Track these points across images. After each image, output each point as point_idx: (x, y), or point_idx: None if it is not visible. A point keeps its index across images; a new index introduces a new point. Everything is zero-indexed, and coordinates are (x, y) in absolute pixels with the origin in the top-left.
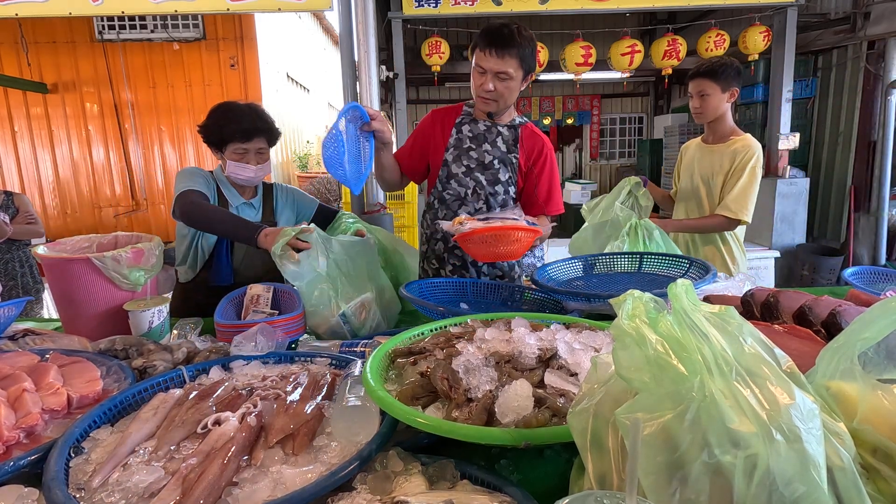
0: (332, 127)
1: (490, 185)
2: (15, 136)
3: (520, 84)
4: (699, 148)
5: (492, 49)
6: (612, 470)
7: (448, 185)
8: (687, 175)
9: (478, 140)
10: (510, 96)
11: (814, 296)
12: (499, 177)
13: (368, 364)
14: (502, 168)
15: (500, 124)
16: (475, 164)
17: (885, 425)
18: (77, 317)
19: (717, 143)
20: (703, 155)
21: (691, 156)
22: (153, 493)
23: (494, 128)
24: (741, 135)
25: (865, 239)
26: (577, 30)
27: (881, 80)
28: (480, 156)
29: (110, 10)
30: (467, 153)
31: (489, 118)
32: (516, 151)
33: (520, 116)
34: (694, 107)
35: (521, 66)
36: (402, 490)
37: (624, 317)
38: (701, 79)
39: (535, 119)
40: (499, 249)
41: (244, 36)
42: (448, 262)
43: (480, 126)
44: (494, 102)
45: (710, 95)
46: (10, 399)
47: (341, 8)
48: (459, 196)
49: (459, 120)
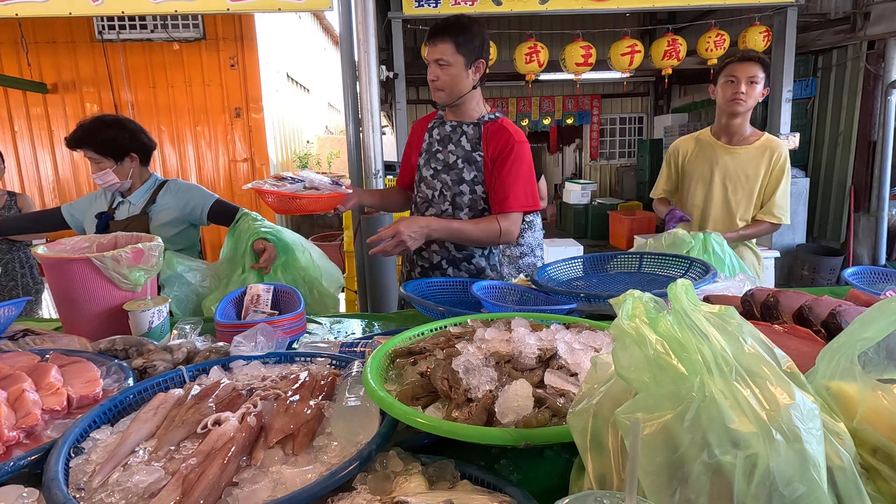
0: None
1: (455, 185)
2: (15, 136)
3: (463, 71)
4: (716, 149)
5: (429, 40)
6: (612, 470)
7: (419, 189)
8: (704, 181)
9: (444, 142)
10: (454, 84)
11: (814, 296)
12: (463, 176)
13: (368, 364)
14: (466, 167)
15: (466, 122)
16: (441, 166)
17: (885, 425)
18: (77, 317)
19: (740, 144)
20: (727, 157)
21: (708, 159)
22: (153, 493)
23: (459, 127)
24: (762, 134)
25: (865, 239)
26: (577, 30)
27: (881, 80)
28: (446, 157)
29: (110, 10)
30: (434, 155)
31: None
32: (480, 149)
33: (492, 113)
34: (739, 92)
35: (457, 52)
36: (402, 490)
37: (624, 317)
38: (753, 63)
39: (534, 119)
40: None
41: (244, 36)
42: (417, 263)
43: (447, 127)
44: (441, 92)
45: (758, 84)
46: (10, 399)
47: (341, 8)
48: (427, 198)
49: (431, 125)
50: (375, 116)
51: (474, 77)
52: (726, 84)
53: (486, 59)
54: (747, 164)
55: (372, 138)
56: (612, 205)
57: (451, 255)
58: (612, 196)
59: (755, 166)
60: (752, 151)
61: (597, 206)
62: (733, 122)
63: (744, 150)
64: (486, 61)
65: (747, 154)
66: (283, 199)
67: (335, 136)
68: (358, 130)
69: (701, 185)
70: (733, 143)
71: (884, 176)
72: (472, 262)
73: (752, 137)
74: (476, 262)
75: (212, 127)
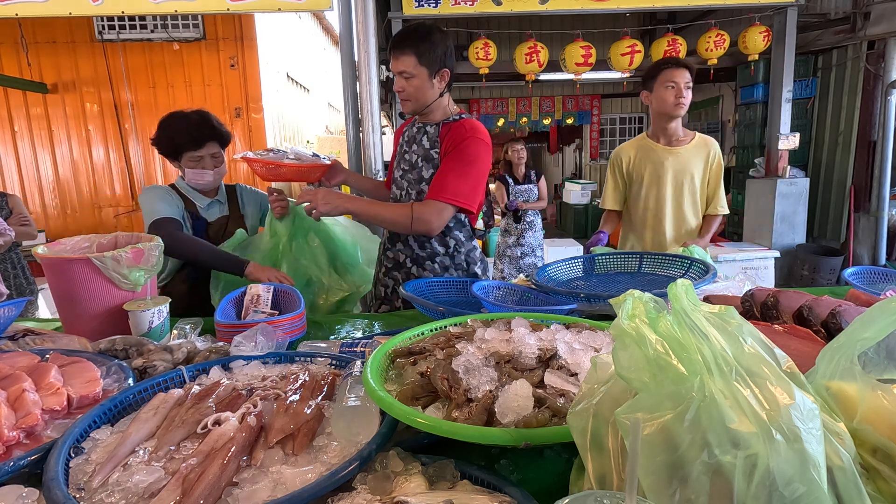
0: None
1: (416, 183)
2: (15, 136)
3: (428, 81)
4: (659, 151)
5: (392, 51)
6: (612, 470)
7: (392, 190)
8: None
9: (409, 143)
10: (420, 94)
11: (814, 296)
12: (422, 174)
13: (368, 364)
14: (425, 165)
15: (430, 123)
16: (407, 167)
17: (885, 425)
18: (77, 317)
19: (677, 144)
20: (671, 158)
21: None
22: (153, 493)
23: (423, 128)
24: (694, 133)
25: (865, 239)
26: (577, 30)
27: (881, 80)
28: (410, 157)
29: (110, 10)
30: (403, 157)
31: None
32: (438, 147)
33: (458, 114)
34: (680, 98)
35: (419, 63)
36: (402, 490)
37: (624, 317)
38: (687, 70)
39: (534, 119)
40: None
41: (244, 36)
42: (382, 263)
43: (413, 129)
44: (408, 102)
45: (690, 88)
46: (10, 399)
47: (341, 8)
48: (396, 198)
49: (406, 128)
50: (375, 116)
51: (440, 85)
52: (667, 89)
53: (450, 67)
54: (689, 162)
55: (372, 138)
56: None
57: (414, 253)
58: None
59: (696, 164)
60: (690, 150)
61: (597, 206)
62: (672, 124)
63: (683, 150)
64: (450, 69)
65: (687, 153)
66: (268, 167)
67: (335, 136)
68: (358, 130)
69: (651, 188)
70: (672, 145)
71: (884, 176)
72: (435, 260)
73: (686, 137)
74: (440, 261)
75: None
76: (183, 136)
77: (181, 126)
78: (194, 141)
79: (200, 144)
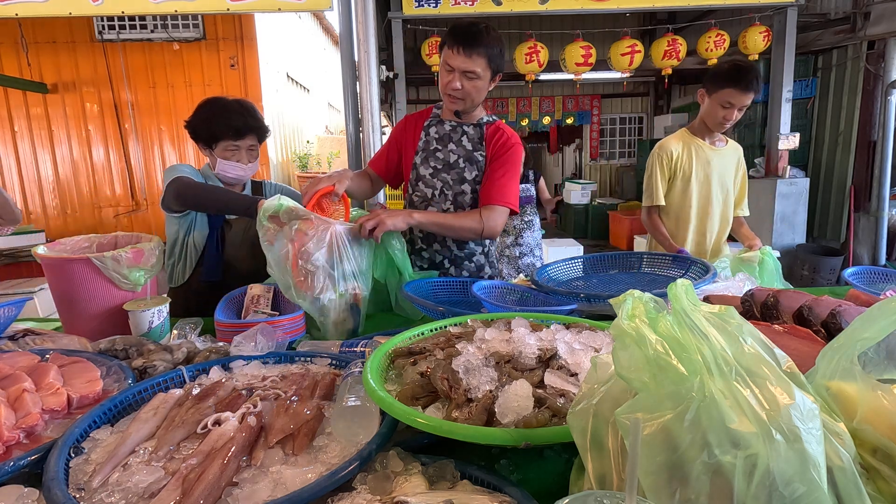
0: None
1: (456, 184)
2: (15, 136)
3: (487, 84)
4: (705, 149)
5: (460, 47)
6: (612, 470)
7: (416, 188)
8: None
9: (443, 141)
10: (477, 95)
11: (814, 296)
12: (465, 175)
13: (368, 364)
14: (468, 166)
15: (466, 123)
16: (441, 165)
17: (885, 425)
18: (77, 317)
19: (720, 145)
20: (714, 158)
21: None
22: (153, 493)
23: (460, 127)
24: (726, 137)
25: (865, 239)
26: (577, 30)
27: (881, 80)
28: (446, 156)
29: (110, 10)
30: (434, 154)
31: (456, 117)
32: (482, 149)
33: (489, 115)
34: (728, 119)
35: (488, 66)
36: (402, 490)
37: (624, 317)
38: (751, 94)
39: (534, 119)
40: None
41: (244, 36)
42: (416, 264)
43: (446, 126)
44: (461, 101)
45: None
46: (10, 399)
47: (341, 8)
48: (426, 197)
49: (427, 123)
50: (375, 116)
51: (490, 87)
52: (721, 107)
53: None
54: (729, 163)
55: (372, 138)
56: (612, 205)
57: (452, 254)
58: (612, 196)
59: (732, 167)
60: (727, 152)
61: (597, 206)
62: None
63: (723, 151)
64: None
65: (726, 154)
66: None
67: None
68: (358, 130)
69: (697, 184)
70: (715, 146)
71: (884, 176)
72: (472, 260)
73: (721, 139)
74: (476, 260)
75: None
76: (223, 123)
77: (223, 113)
78: (235, 130)
79: (241, 135)
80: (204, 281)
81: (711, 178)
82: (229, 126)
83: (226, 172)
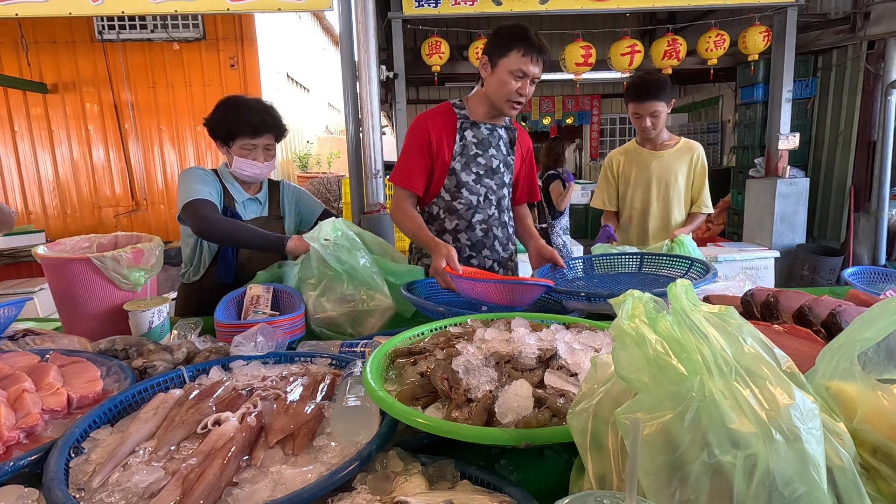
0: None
1: (499, 188)
2: (15, 136)
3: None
4: (644, 155)
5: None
6: (612, 470)
7: (458, 195)
8: (643, 185)
9: (483, 145)
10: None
11: (814, 296)
12: (504, 180)
13: (368, 364)
14: (506, 171)
15: (500, 126)
16: (483, 171)
17: (885, 425)
18: (77, 317)
19: (661, 149)
20: (653, 162)
21: (640, 165)
22: (153, 493)
23: (496, 130)
24: (678, 138)
25: (865, 239)
26: (577, 30)
27: (881, 80)
28: (488, 161)
29: (110, 10)
30: (475, 159)
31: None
32: (513, 153)
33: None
34: (646, 127)
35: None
36: (402, 490)
37: (624, 317)
38: (652, 101)
39: (534, 119)
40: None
41: (244, 36)
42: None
43: (483, 130)
44: (521, 106)
45: (661, 112)
46: (10, 399)
47: (341, 8)
48: (472, 204)
49: (461, 125)
50: (375, 116)
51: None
52: (634, 117)
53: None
54: (672, 164)
55: (372, 138)
56: None
57: (500, 256)
58: None
59: (679, 166)
60: (674, 154)
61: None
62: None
63: (667, 153)
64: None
65: (670, 156)
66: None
67: (335, 136)
68: (358, 130)
69: (639, 189)
70: (658, 149)
71: (884, 176)
72: (514, 258)
73: (670, 142)
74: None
75: None
76: (241, 120)
77: (240, 110)
78: (253, 128)
79: (259, 133)
80: (218, 283)
81: (652, 180)
82: (246, 123)
83: (242, 171)
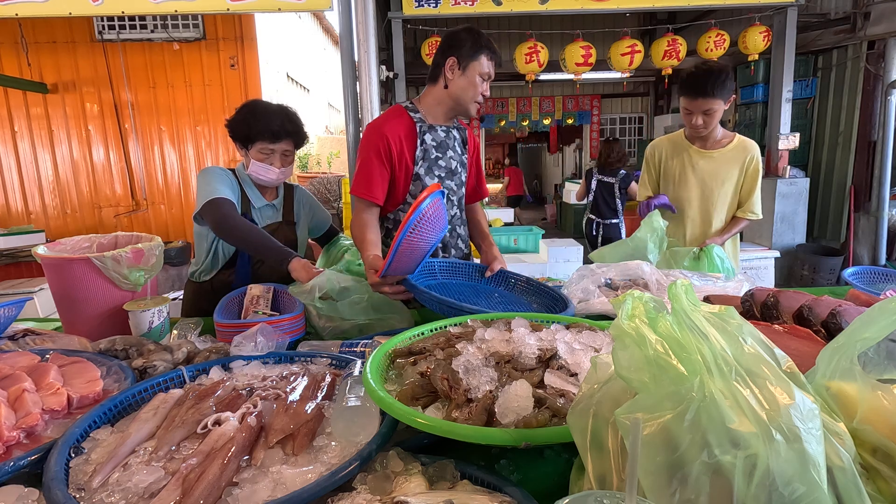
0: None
1: (458, 189)
2: (15, 136)
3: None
4: (690, 152)
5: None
6: (612, 470)
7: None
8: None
9: (441, 147)
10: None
11: (814, 296)
12: (462, 179)
13: (368, 364)
14: (463, 171)
15: (453, 127)
16: (444, 173)
17: (885, 425)
18: (77, 317)
19: (714, 147)
20: (700, 162)
21: (685, 162)
22: (153, 493)
23: (451, 132)
24: (734, 135)
25: (865, 239)
26: (577, 30)
27: (881, 80)
28: (447, 163)
29: (110, 10)
30: (436, 163)
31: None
32: (466, 152)
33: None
34: (696, 125)
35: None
36: (402, 490)
37: (624, 317)
38: (707, 98)
39: (534, 119)
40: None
41: (244, 36)
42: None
43: (440, 133)
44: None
45: (717, 111)
46: (10, 399)
47: (341, 8)
48: None
49: (421, 129)
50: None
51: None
52: (685, 112)
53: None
54: (722, 167)
55: None
56: None
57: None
58: None
59: (730, 169)
60: (726, 154)
61: None
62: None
63: (718, 154)
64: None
65: (722, 157)
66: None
67: (335, 136)
68: (358, 130)
69: (676, 187)
70: (707, 148)
71: (884, 176)
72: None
73: (724, 140)
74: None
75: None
76: (260, 125)
77: (261, 115)
78: (272, 133)
79: (277, 138)
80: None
81: (691, 180)
82: (266, 128)
83: (257, 175)
